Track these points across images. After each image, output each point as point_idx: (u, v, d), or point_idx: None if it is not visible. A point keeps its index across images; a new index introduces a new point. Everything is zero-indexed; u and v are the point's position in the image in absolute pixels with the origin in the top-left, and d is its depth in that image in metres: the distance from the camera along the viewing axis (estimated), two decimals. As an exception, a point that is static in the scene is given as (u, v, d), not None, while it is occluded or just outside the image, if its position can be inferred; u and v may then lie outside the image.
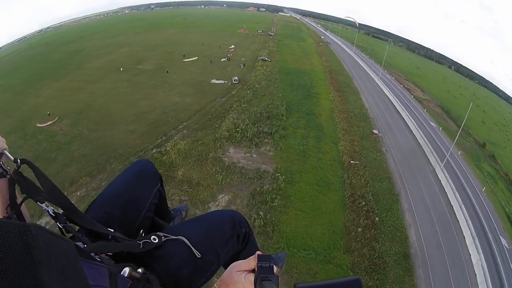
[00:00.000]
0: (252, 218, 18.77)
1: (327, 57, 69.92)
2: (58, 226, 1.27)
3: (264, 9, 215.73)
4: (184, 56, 59.41)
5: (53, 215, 1.27)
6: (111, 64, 56.06)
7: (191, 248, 1.46)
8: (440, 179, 25.89)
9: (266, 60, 57.11)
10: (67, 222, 1.28)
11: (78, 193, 22.42)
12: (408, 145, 31.58)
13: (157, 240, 1.43)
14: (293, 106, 36.84)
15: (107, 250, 1.24)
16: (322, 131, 31.59)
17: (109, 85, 45.22)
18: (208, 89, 42.03)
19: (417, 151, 30.80)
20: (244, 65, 52.93)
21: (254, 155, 25.88)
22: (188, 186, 21.76)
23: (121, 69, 51.29)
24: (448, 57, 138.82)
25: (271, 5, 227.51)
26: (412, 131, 34.70)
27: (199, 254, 1.46)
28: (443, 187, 24.88)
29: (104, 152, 27.73)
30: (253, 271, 1.15)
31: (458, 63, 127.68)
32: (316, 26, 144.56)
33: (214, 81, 44.68)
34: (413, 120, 36.95)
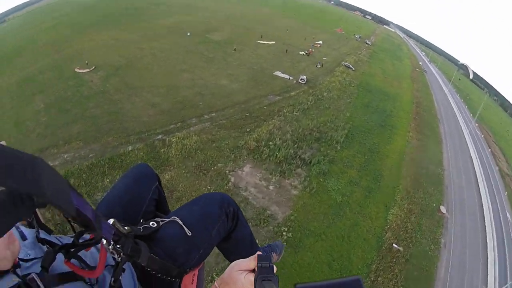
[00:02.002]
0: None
1: (419, 85, 63.25)
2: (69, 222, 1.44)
3: (370, 17, 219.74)
4: (261, 37, 57.76)
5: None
6: (181, 25, 57.20)
7: (183, 227, 1.84)
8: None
9: (349, 68, 52.59)
10: None
11: (65, 156, 22.29)
12: (474, 245, 23.50)
13: (155, 225, 1.82)
14: (357, 134, 31.13)
15: None
16: (378, 183, 25.33)
17: (164, 46, 45.66)
18: (266, 81, 38.91)
19: (480, 258, 22.63)
20: (322, 66, 48.92)
21: (271, 187, 21.22)
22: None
23: (188, 33, 51.56)
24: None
25: (378, 16, 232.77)
26: (485, 223, 26.65)
27: (189, 232, 1.83)
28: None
29: (112, 119, 27.09)
30: (253, 271, 1.26)
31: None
32: (420, 53, 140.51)
33: (278, 73, 41.40)
34: (491, 207, 28.89)
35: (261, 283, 1.17)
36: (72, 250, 1.37)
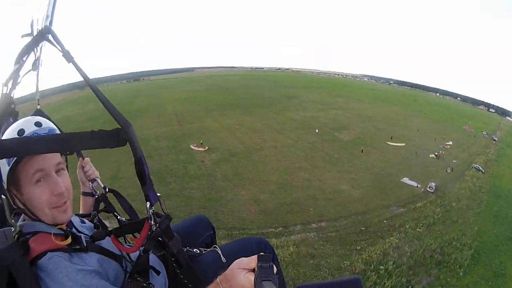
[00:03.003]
0: None
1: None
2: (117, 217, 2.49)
3: (493, 110, 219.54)
4: (391, 138, 54.80)
5: (125, 221, 2.41)
6: (310, 120, 58.30)
7: (220, 255, 2.50)
8: None
9: (479, 170, 45.60)
10: None
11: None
12: None
13: (198, 252, 2.58)
14: (483, 253, 23.92)
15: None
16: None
17: (288, 140, 45.75)
18: (391, 189, 34.50)
19: None
20: (452, 170, 43.05)
21: (364, 329, 16.32)
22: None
23: (317, 130, 51.49)
24: None
25: (501, 108, 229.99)
26: None
27: (224, 259, 2.45)
28: None
29: (208, 206, 26.21)
30: (254, 270, 1.43)
31: None
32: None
33: (405, 180, 37.13)
34: None
35: (260, 283, 1.28)
36: (119, 229, 2.07)
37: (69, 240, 1.75)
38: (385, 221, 27.79)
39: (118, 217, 2.41)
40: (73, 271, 1.61)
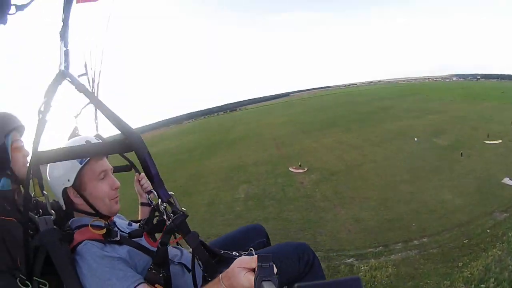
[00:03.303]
0: None
1: None
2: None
3: None
4: (488, 136, 48.79)
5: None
6: (407, 129, 53.88)
7: None
8: None
9: None
10: None
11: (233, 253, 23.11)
12: None
13: (237, 255, 2.47)
14: None
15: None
16: None
17: (388, 153, 43.17)
18: (494, 192, 29.36)
19: None
20: None
21: None
22: None
23: (416, 139, 48.23)
24: None
25: None
26: None
27: None
28: None
29: (305, 228, 23.22)
30: (254, 270, 1.44)
31: None
32: None
33: (506, 180, 31.72)
34: None
35: (260, 283, 1.26)
36: (151, 228, 2.29)
37: (104, 230, 2.02)
38: (488, 231, 24.60)
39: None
40: (100, 256, 1.88)
